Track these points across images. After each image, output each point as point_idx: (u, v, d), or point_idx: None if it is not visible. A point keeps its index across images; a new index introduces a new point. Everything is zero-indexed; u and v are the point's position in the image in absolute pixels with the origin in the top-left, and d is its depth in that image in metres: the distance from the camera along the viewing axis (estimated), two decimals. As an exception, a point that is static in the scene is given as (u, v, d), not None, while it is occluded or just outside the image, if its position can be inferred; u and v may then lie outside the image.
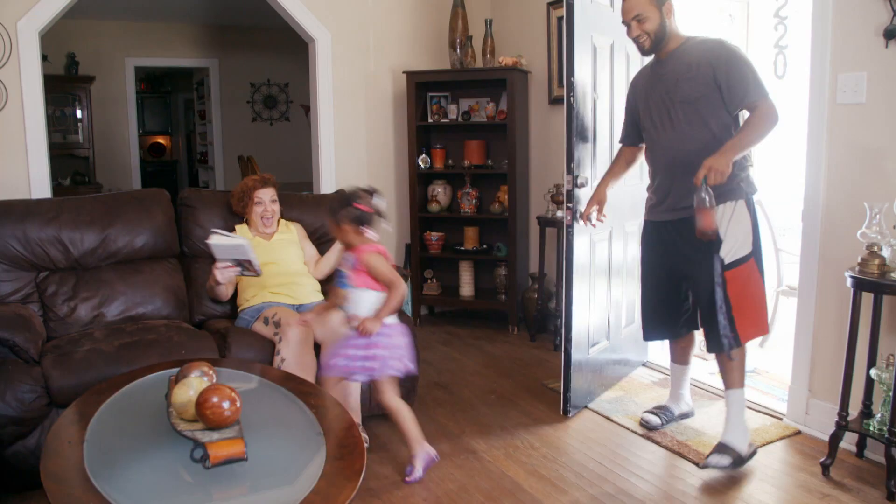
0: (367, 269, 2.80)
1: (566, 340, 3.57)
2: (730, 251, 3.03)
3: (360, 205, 2.83)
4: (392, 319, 2.89)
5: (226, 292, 3.55)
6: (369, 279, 2.82)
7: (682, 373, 3.52)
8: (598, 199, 3.46)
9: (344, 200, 2.85)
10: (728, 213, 3.04)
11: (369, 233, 2.85)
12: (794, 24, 3.96)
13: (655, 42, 3.09)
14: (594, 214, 3.45)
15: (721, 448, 3.03)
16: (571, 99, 3.44)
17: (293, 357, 3.11)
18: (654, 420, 3.44)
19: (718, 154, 2.86)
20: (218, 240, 3.27)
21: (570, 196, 3.49)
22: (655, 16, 3.04)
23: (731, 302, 3.04)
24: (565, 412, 3.60)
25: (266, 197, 3.67)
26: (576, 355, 3.59)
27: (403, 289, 2.84)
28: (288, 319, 3.21)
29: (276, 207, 3.72)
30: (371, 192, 2.87)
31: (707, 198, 2.85)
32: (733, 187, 3.02)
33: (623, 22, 3.14)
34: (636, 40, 3.13)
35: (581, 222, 3.49)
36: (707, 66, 2.98)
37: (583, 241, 3.59)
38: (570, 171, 3.47)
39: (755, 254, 3.08)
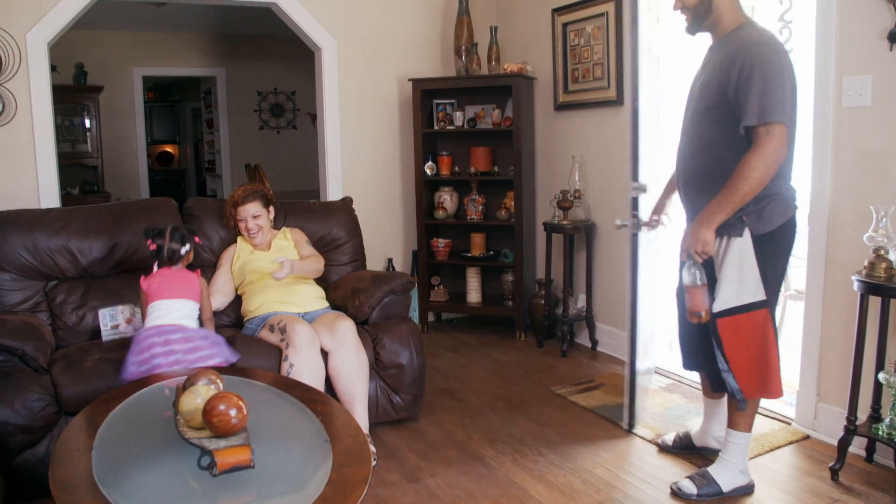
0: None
1: (632, 353, 3.42)
2: (723, 296, 2.70)
3: (152, 242, 3.12)
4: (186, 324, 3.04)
5: (219, 303, 3.58)
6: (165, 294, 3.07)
7: (712, 405, 3.16)
8: (657, 210, 3.28)
9: (144, 232, 3.19)
10: (721, 252, 2.71)
11: (155, 266, 3.12)
12: (799, 27, 3.96)
13: (696, 20, 2.73)
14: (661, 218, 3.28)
15: (700, 476, 2.87)
16: (637, 104, 3.31)
17: (302, 362, 3.11)
18: (667, 442, 3.32)
19: (696, 223, 2.62)
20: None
21: (635, 203, 3.33)
22: None
23: (726, 352, 2.72)
24: (630, 427, 3.48)
25: (247, 214, 3.61)
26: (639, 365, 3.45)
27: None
28: (294, 325, 3.22)
29: (262, 221, 3.65)
30: (178, 233, 3.14)
31: (695, 274, 2.65)
32: (731, 221, 2.65)
33: None
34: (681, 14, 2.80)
35: (645, 229, 3.33)
36: (725, 73, 2.60)
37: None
38: (634, 177, 3.32)
39: (769, 304, 2.70)
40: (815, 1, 3.24)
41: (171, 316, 3.00)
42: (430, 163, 5.28)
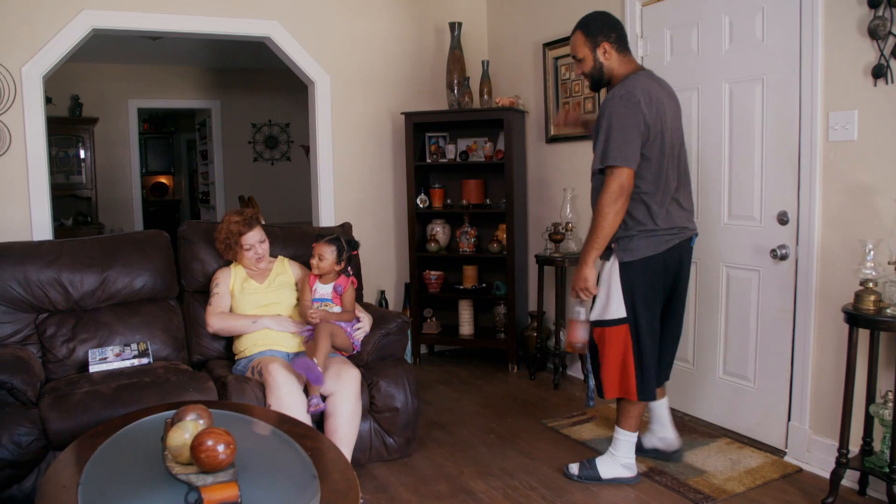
0: (343, 294, 3.53)
1: None
2: (596, 309, 3.13)
3: (356, 251, 3.70)
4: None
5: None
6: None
7: (655, 409, 3.47)
8: None
9: (354, 246, 3.66)
10: (598, 272, 3.10)
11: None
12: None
13: (593, 82, 3.15)
14: None
15: (585, 462, 3.30)
16: None
17: (279, 403, 3.08)
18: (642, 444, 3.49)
19: (577, 267, 3.02)
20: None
21: None
22: (590, 58, 3.09)
23: (598, 356, 3.15)
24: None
25: (255, 239, 3.57)
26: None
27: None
28: (269, 367, 3.20)
29: (267, 246, 3.65)
30: None
31: (580, 310, 3.01)
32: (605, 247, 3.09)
33: None
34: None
35: None
36: (599, 117, 3.02)
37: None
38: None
39: (630, 321, 3.05)
40: (799, 37, 3.29)
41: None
42: (422, 195, 5.31)
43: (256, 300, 3.57)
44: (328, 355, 3.32)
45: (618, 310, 3.05)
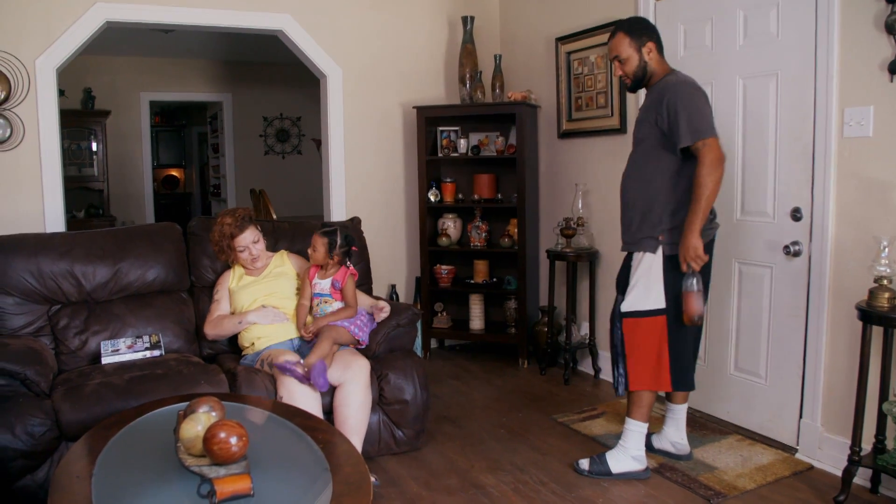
0: (344, 288, 3.49)
1: None
2: (630, 300, 3.14)
3: (356, 248, 3.65)
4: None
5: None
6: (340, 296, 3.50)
7: (672, 412, 3.46)
8: None
9: (349, 241, 3.51)
10: (636, 262, 3.15)
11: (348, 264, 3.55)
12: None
13: (636, 82, 3.20)
14: None
15: (595, 457, 3.29)
16: None
17: (291, 393, 3.08)
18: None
19: (683, 237, 2.97)
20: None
21: None
22: (635, 57, 3.13)
23: (625, 347, 3.16)
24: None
25: (248, 241, 3.54)
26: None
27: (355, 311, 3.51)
28: (279, 359, 3.20)
29: (262, 245, 3.62)
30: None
31: (692, 281, 2.95)
32: (642, 238, 3.13)
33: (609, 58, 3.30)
34: (620, 79, 3.29)
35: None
36: (653, 110, 3.07)
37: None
38: None
39: (668, 312, 3.08)
40: (814, 32, 3.27)
41: None
42: (433, 189, 5.30)
43: (253, 292, 3.57)
44: (328, 355, 3.29)
45: (657, 300, 3.07)
